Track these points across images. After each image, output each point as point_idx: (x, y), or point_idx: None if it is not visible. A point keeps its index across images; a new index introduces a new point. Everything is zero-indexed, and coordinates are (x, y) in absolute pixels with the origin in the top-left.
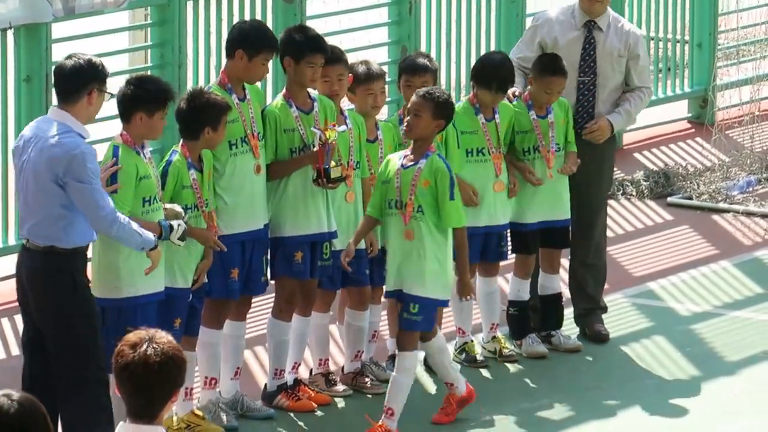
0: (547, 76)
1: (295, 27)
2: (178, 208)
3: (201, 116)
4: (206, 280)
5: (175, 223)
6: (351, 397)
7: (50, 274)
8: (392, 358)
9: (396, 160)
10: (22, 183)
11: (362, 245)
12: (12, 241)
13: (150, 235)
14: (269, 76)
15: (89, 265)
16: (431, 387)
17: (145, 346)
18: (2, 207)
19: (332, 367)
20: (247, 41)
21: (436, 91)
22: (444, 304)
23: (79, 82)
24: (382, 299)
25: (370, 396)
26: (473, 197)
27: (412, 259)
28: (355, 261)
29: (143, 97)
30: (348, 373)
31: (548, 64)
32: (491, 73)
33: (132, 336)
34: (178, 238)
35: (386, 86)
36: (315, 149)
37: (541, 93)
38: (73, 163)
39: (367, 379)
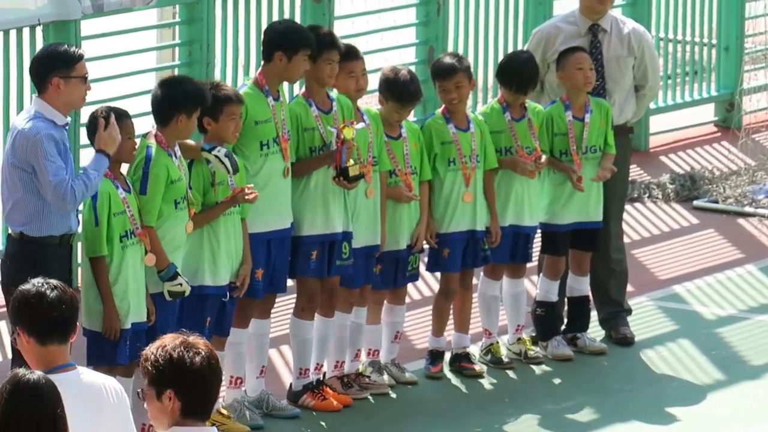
0: (570, 55)
1: (307, 27)
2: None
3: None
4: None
5: (181, 278)
6: (364, 398)
7: (13, 260)
8: (431, 354)
9: None
10: (2, 170)
11: (371, 242)
12: None
13: (103, 162)
14: None
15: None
16: (460, 387)
17: (202, 346)
18: None
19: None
20: (285, 42)
21: None
22: None
23: (41, 72)
24: (406, 299)
25: (368, 398)
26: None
27: None
28: (364, 260)
29: (183, 99)
30: (349, 375)
31: (568, 48)
32: (513, 73)
33: (172, 339)
34: (170, 295)
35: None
36: (333, 148)
37: (576, 75)
38: (30, 149)
39: (367, 379)
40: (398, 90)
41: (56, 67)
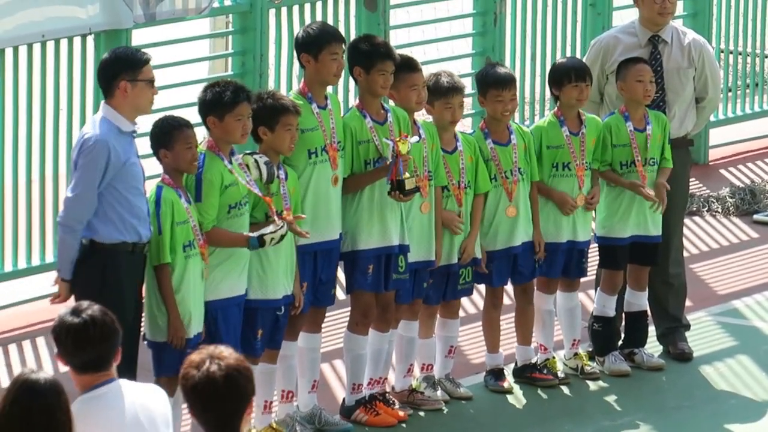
0: (631, 66)
1: (361, 37)
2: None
3: (256, 116)
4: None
5: (268, 236)
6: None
7: (83, 267)
8: (492, 372)
9: None
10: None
11: (423, 257)
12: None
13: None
14: (340, 88)
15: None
16: (515, 403)
17: (207, 364)
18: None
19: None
20: (308, 44)
21: None
22: None
23: (108, 76)
24: (460, 313)
25: (422, 414)
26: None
27: None
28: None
29: (210, 101)
30: (402, 391)
31: (629, 59)
32: (566, 67)
33: (194, 356)
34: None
35: (464, 99)
36: (389, 161)
37: (635, 87)
38: (82, 153)
39: (421, 395)
40: (435, 87)
41: (123, 69)
